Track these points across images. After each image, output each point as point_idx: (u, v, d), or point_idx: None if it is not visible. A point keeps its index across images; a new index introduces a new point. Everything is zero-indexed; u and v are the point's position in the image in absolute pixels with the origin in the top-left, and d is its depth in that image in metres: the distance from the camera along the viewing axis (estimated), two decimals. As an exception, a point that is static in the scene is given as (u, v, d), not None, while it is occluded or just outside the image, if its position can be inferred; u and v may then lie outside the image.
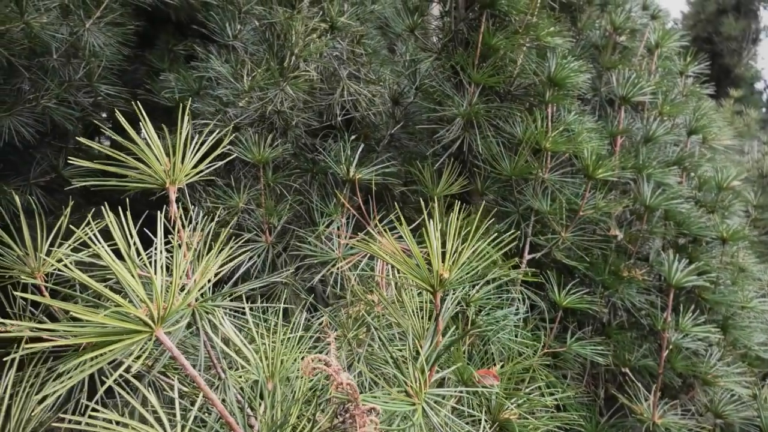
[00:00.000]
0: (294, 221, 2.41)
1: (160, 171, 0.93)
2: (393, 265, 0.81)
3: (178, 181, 0.96)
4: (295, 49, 2.39)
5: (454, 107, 2.11)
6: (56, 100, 3.16)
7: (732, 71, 10.36)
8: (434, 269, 0.85)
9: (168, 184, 0.95)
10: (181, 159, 0.95)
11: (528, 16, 2.23)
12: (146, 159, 0.92)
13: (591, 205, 2.17)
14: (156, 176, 0.93)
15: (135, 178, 0.93)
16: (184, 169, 0.96)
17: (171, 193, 0.96)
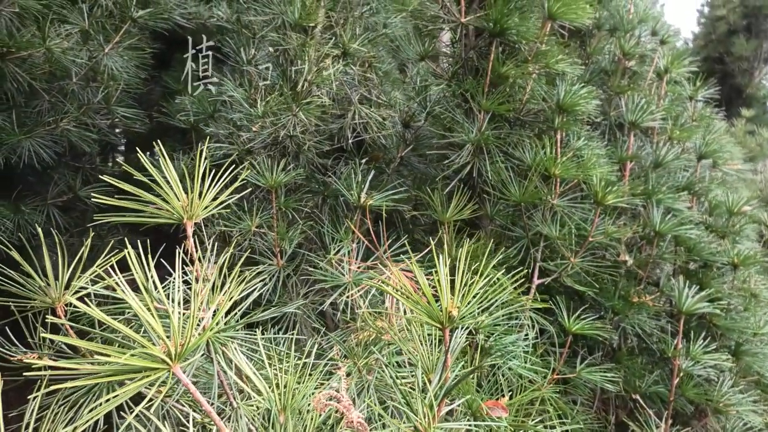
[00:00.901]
0: (305, 245, 2.44)
1: (178, 207, 0.96)
2: (401, 300, 0.83)
3: (195, 216, 0.99)
4: (308, 76, 2.44)
5: (464, 134, 2.14)
6: (75, 123, 3.24)
7: (744, 91, 10.33)
8: (443, 306, 0.86)
9: (185, 220, 0.98)
10: (198, 195, 0.98)
11: (537, 43, 2.26)
12: (165, 195, 0.96)
13: (600, 231, 2.18)
14: (174, 212, 0.96)
15: (153, 213, 0.97)
16: (201, 205, 0.99)
17: (188, 228, 0.99)
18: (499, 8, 2.06)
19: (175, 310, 0.80)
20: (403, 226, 2.88)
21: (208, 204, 1.02)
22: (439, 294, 0.90)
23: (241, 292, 1.20)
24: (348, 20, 3.04)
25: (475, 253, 2.12)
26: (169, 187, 0.97)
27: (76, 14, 3.31)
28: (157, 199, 0.96)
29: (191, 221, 0.99)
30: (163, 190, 0.96)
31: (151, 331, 0.75)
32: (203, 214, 1.01)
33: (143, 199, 0.96)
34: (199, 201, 0.99)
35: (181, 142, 4.04)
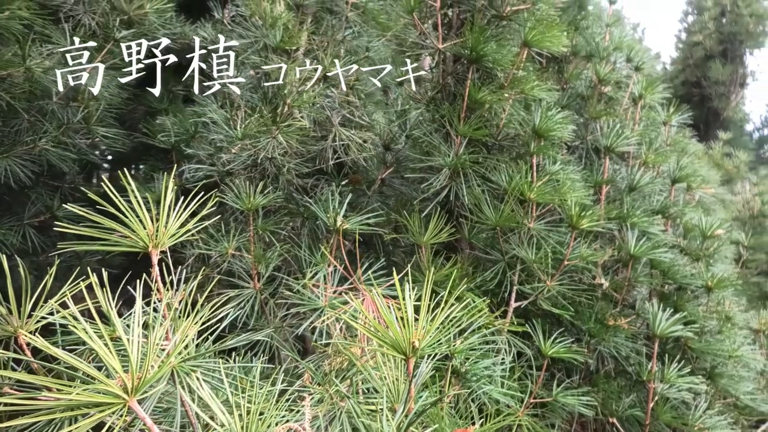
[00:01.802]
0: (283, 267, 2.43)
1: (143, 235, 0.96)
2: (365, 332, 0.83)
3: (161, 244, 0.99)
4: (288, 99, 2.46)
5: (441, 158, 2.16)
6: (53, 143, 3.22)
7: (721, 114, 10.59)
8: (406, 337, 0.87)
9: (151, 248, 0.97)
10: (164, 223, 0.98)
11: (514, 70, 2.30)
12: (130, 223, 0.95)
13: (576, 255, 2.20)
14: (139, 240, 0.96)
15: (116, 242, 0.96)
16: (167, 233, 0.99)
17: (153, 256, 0.98)
18: (475, 36, 2.10)
19: (134, 342, 0.80)
20: (383, 248, 2.88)
21: (175, 232, 1.02)
22: (404, 323, 0.91)
23: (210, 318, 1.19)
24: (330, 44, 3.09)
25: (451, 277, 2.13)
26: (135, 214, 0.97)
27: (59, 34, 3.31)
28: (122, 227, 0.95)
29: (156, 249, 0.98)
30: (130, 217, 0.96)
31: (108, 365, 0.75)
32: (169, 243, 1.01)
33: (109, 227, 0.96)
34: (165, 229, 0.98)
35: (164, 160, 4.03)
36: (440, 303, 1.05)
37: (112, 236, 0.97)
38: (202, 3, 4.26)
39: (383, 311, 0.85)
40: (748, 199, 8.40)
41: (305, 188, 2.92)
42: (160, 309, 1.06)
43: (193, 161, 3.06)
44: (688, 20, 12.64)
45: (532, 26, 2.15)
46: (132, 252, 1.01)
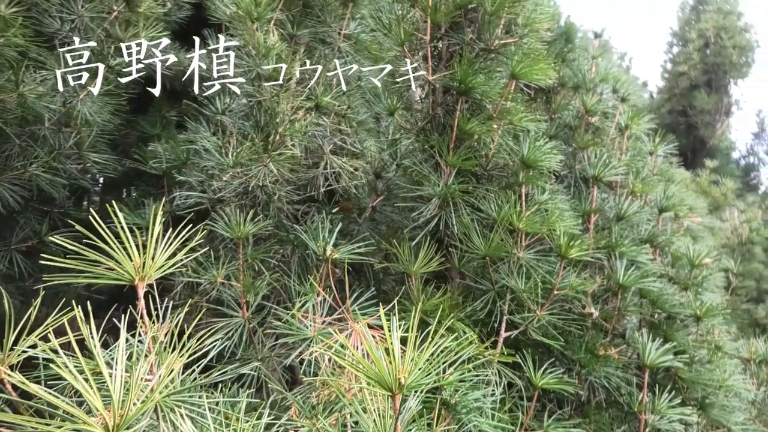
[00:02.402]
0: (273, 296, 2.42)
1: (129, 268, 0.95)
2: (349, 368, 0.83)
3: (147, 277, 0.98)
4: (280, 128, 2.48)
5: (430, 187, 2.18)
6: (44, 168, 3.21)
7: (707, 142, 10.78)
8: (392, 372, 0.86)
9: (137, 281, 0.97)
10: (152, 256, 0.98)
11: (502, 101, 2.34)
12: (116, 256, 0.95)
13: (565, 284, 2.21)
14: (125, 273, 0.96)
15: (101, 274, 0.96)
16: (154, 266, 0.99)
17: (139, 289, 0.98)
18: (464, 69, 2.15)
19: (117, 377, 0.79)
20: (373, 277, 2.88)
21: (162, 264, 1.01)
22: (390, 359, 0.90)
23: (196, 350, 1.18)
24: (322, 73, 3.13)
25: (441, 307, 2.12)
26: (122, 245, 0.97)
27: (53, 60, 3.33)
28: (108, 259, 0.95)
29: (143, 282, 0.98)
30: (116, 248, 0.96)
31: (89, 402, 0.74)
32: (156, 275, 1.01)
33: (94, 258, 0.95)
34: (152, 262, 0.98)
35: (155, 186, 4.02)
36: (429, 335, 1.05)
37: (98, 268, 0.97)
38: (197, 32, 4.32)
39: (368, 345, 0.85)
40: (736, 226, 8.50)
41: (296, 216, 2.92)
42: (145, 342, 1.05)
43: (184, 188, 3.06)
44: (673, 51, 12.96)
45: (520, 59, 2.19)
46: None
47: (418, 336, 1.03)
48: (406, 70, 2.33)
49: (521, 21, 2.33)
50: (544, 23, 2.40)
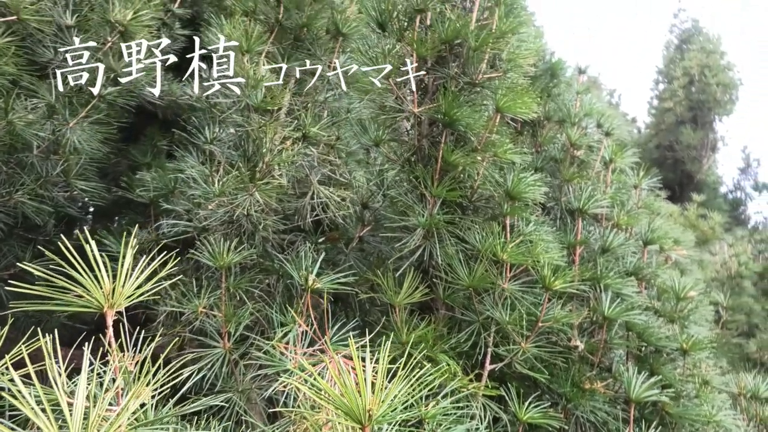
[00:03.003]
0: (256, 326, 2.39)
1: (98, 296, 0.94)
2: (319, 401, 0.81)
3: (116, 305, 0.97)
4: (266, 158, 2.50)
5: (415, 218, 2.19)
6: (30, 195, 3.20)
7: (695, 177, 10.93)
8: (361, 404, 0.85)
9: (106, 308, 0.96)
10: (122, 283, 0.97)
11: (487, 133, 2.37)
12: (85, 283, 0.94)
13: (550, 316, 2.20)
14: (93, 300, 0.94)
15: (73, 302, 0.94)
16: (123, 294, 0.97)
17: (108, 317, 0.96)
18: (449, 101, 2.18)
19: (78, 408, 0.77)
20: (359, 307, 2.85)
21: (132, 292, 1.00)
22: (360, 390, 0.89)
23: (171, 379, 1.15)
24: (311, 105, 3.17)
25: (426, 338, 2.10)
26: (92, 273, 0.95)
27: (44, 89, 3.36)
28: (77, 286, 0.94)
29: (112, 310, 0.96)
30: (85, 275, 0.95)
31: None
32: (127, 303, 0.99)
33: (63, 285, 0.94)
34: (122, 289, 0.97)
35: (144, 214, 4.00)
36: (407, 366, 1.03)
37: (67, 296, 0.96)
38: (189, 63, 4.38)
39: (337, 377, 0.84)
40: (725, 260, 8.55)
41: (282, 245, 2.91)
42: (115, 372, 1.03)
43: (170, 216, 3.05)
44: (659, 88, 13.27)
45: (504, 93, 2.23)
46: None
47: (400, 367, 1.01)
48: (392, 102, 2.37)
49: (505, 56, 2.38)
50: (528, 59, 2.45)
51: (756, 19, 39.17)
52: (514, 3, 2.47)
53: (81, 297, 0.95)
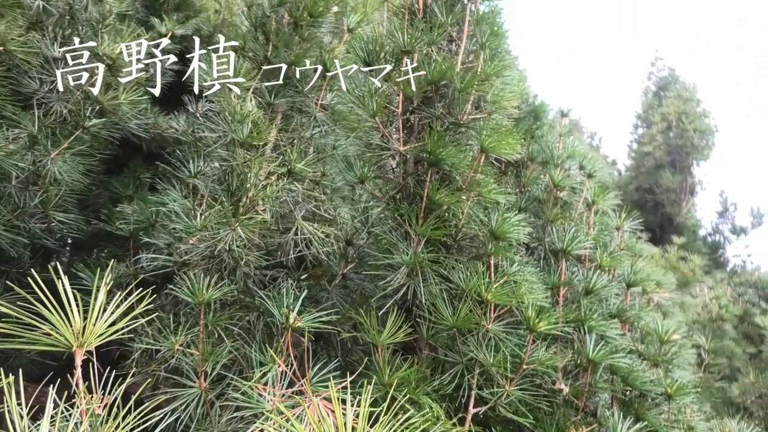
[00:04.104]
0: (234, 365, 2.32)
1: (67, 334, 0.90)
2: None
3: (87, 344, 0.93)
4: (250, 193, 2.48)
5: (399, 256, 2.17)
6: (5, 227, 3.12)
7: (674, 220, 11.12)
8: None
9: (75, 348, 0.91)
10: (93, 321, 0.93)
11: (472, 173, 2.39)
12: (54, 320, 0.90)
13: (534, 358, 2.17)
14: (62, 338, 0.90)
15: (39, 340, 0.90)
16: (95, 332, 0.93)
17: (77, 356, 0.92)
18: (434, 141, 2.20)
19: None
20: (341, 346, 2.79)
21: (104, 330, 0.96)
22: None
23: (142, 422, 1.10)
24: (297, 141, 3.18)
25: (408, 379, 2.05)
26: (63, 310, 0.91)
27: (27, 120, 3.32)
28: (46, 323, 0.90)
29: (81, 349, 0.92)
30: (54, 312, 0.91)
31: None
32: (97, 342, 0.95)
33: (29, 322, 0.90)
34: (93, 327, 0.93)
35: (123, 247, 3.93)
36: (390, 410, 1.00)
37: (36, 335, 0.91)
38: (177, 96, 4.40)
39: (315, 423, 0.80)
40: (706, 302, 8.61)
41: (264, 281, 2.86)
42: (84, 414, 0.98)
43: (150, 250, 2.99)
44: (638, 132, 13.64)
45: (488, 134, 2.26)
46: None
47: (383, 411, 0.98)
48: (378, 140, 2.38)
49: (490, 98, 2.42)
50: (512, 101, 2.50)
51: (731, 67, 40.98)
52: (499, 47, 2.54)
53: (49, 335, 0.91)
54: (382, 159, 2.75)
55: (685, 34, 50.57)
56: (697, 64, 37.95)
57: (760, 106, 40.66)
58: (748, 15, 45.87)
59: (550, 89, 39.37)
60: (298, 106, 3.39)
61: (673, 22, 40.33)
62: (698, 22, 53.47)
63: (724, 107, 36.32)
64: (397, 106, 2.38)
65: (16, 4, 3.35)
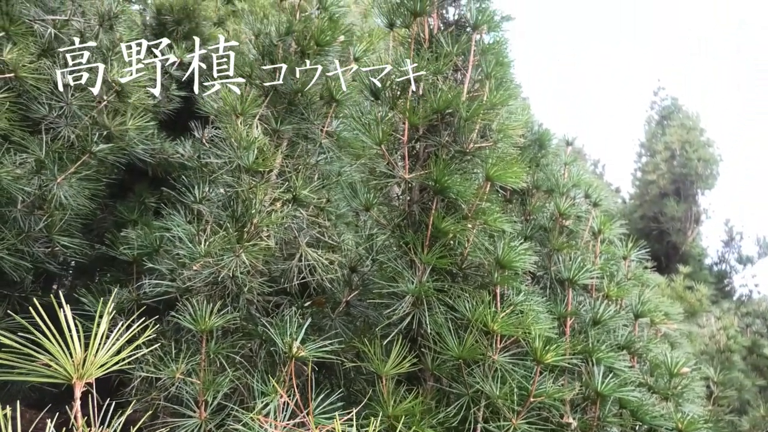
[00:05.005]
0: (235, 395, 2.27)
1: (67, 365, 0.88)
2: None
3: (87, 375, 0.90)
4: (255, 219, 2.47)
5: (404, 284, 2.14)
6: (9, 251, 3.11)
7: (680, 248, 11.05)
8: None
9: (75, 380, 0.89)
10: (94, 352, 0.91)
11: (477, 201, 2.38)
12: (54, 351, 0.88)
13: (542, 390, 2.12)
14: (62, 370, 0.88)
15: (37, 370, 0.88)
16: (96, 363, 0.91)
17: (77, 389, 0.90)
18: (440, 169, 2.20)
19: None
20: (344, 376, 2.74)
21: (106, 361, 0.94)
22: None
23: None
24: (302, 167, 3.18)
25: (413, 412, 2.01)
26: (63, 340, 0.90)
27: (35, 145, 3.35)
28: (46, 354, 0.88)
29: (81, 381, 0.90)
30: (54, 342, 0.89)
31: None
32: (98, 373, 0.93)
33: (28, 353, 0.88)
34: (94, 358, 0.91)
35: (126, 272, 3.91)
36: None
37: (35, 366, 0.89)
38: (184, 122, 4.44)
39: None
40: (713, 333, 8.49)
41: (267, 308, 2.83)
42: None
43: (153, 276, 2.97)
44: (642, 160, 13.67)
45: (494, 163, 2.26)
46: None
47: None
48: (383, 168, 2.38)
49: (495, 127, 2.43)
50: (517, 130, 2.51)
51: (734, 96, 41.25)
52: (504, 77, 2.56)
53: (48, 366, 0.89)
54: (387, 186, 2.75)
55: (685, 37, 51.05)
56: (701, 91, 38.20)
57: (760, 110, 40.47)
58: (748, 18, 46.26)
59: (549, 93, 39.54)
60: (303, 133, 3.42)
61: (674, 24, 40.81)
62: (698, 25, 54.06)
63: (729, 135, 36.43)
64: (402, 133, 2.39)
65: (29, 32, 3.41)
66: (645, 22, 61.35)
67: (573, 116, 41.35)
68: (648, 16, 62.63)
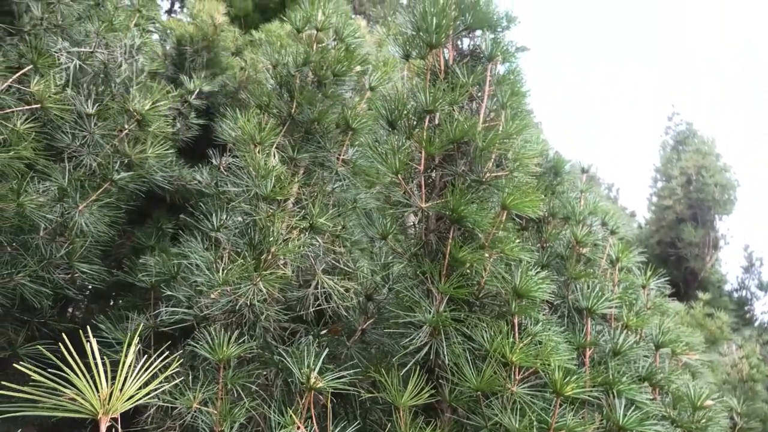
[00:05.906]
0: (252, 424, 2.26)
1: (93, 400, 0.89)
2: None
3: (113, 410, 0.91)
4: (272, 247, 2.49)
5: (421, 314, 2.14)
6: (31, 277, 3.16)
7: (699, 274, 10.86)
8: None
9: (101, 415, 0.90)
10: (120, 387, 0.92)
11: (494, 230, 2.38)
12: (80, 385, 0.89)
13: (562, 424, 2.08)
14: (88, 404, 0.89)
15: (62, 405, 0.89)
16: (121, 398, 0.92)
17: (102, 424, 0.90)
18: (456, 198, 2.21)
19: None
20: (360, 405, 2.72)
21: (132, 394, 0.95)
22: None
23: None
24: (318, 195, 3.22)
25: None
26: (89, 375, 0.91)
27: (58, 173, 3.43)
28: (72, 388, 0.89)
29: (107, 417, 0.90)
30: (81, 378, 0.90)
31: None
32: (124, 408, 0.93)
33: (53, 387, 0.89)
34: (120, 393, 0.92)
35: (143, 297, 3.94)
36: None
37: (62, 400, 0.90)
38: (202, 150, 4.52)
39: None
40: (735, 362, 8.28)
41: (283, 337, 2.83)
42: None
43: (170, 303, 2.99)
44: (658, 185, 13.56)
45: (510, 191, 2.27)
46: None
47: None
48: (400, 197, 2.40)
49: (511, 156, 2.44)
50: (533, 158, 2.51)
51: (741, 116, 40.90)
52: (519, 106, 2.58)
53: (74, 400, 0.90)
54: (404, 215, 2.76)
55: (692, 57, 50.97)
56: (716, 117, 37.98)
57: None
58: (755, 39, 46.12)
59: (556, 114, 39.49)
60: (320, 161, 3.46)
61: (680, 45, 40.85)
62: (704, 45, 53.95)
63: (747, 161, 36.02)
64: (419, 163, 2.41)
65: (55, 65, 3.52)
66: (651, 42, 61.63)
67: (581, 137, 41.27)
68: (654, 36, 62.96)
